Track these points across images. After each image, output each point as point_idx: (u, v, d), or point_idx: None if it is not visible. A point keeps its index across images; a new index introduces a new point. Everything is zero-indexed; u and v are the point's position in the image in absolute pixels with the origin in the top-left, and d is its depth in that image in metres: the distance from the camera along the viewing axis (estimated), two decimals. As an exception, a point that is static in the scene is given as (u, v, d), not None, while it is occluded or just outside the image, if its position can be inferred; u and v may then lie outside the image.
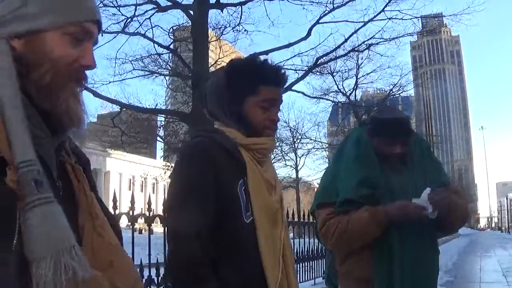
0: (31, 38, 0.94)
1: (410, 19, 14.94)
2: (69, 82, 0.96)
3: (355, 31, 14.84)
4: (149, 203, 3.56)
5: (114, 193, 3.18)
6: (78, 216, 0.97)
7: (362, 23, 14.67)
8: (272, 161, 1.78)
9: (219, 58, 16.13)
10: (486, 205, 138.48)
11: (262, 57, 1.75)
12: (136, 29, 13.72)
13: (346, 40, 14.94)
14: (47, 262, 0.80)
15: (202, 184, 1.53)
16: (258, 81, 1.60)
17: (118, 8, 13.09)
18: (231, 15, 14.52)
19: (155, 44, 14.39)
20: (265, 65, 1.65)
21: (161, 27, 14.77)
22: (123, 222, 3.46)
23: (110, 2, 12.88)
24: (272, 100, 1.63)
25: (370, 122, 2.30)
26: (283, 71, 1.68)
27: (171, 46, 14.94)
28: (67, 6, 0.97)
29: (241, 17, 14.37)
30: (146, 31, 13.78)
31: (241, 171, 1.57)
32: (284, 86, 1.70)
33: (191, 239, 1.48)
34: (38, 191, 0.82)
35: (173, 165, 23.08)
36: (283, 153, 28.98)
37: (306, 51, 16.70)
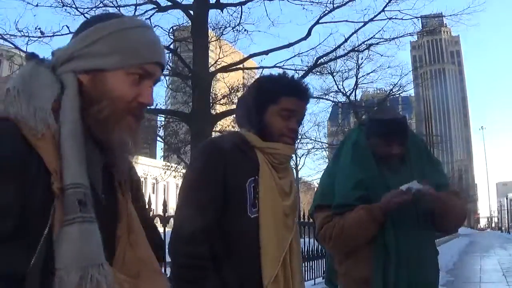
0: (96, 74, 1.02)
1: (410, 19, 14.91)
2: (126, 117, 1.04)
3: (355, 31, 14.82)
4: (149, 203, 3.56)
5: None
6: (117, 228, 1.05)
7: (362, 23, 14.65)
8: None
9: (219, 58, 16.12)
10: (486, 205, 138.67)
11: (289, 74, 1.89)
12: (136, 29, 13.66)
13: (346, 40, 14.92)
14: (74, 273, 0.88)
15: (207, 184, 1.61)
16: (280, 91, 1.72)
17: (118, 8, 13.06)
18: (231, 15, 14.53)
19: (155, 44, 14.34)
20: (288, 78, 1.80)
21: (161, 27, 14.77)
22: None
23: (110, 2, 12.88)
24: (291, 110, 1.72)
25: (367, 122, 2.30)
26: (305, 85, 1.80)
27: (171, 46, 14.92)
28: (132, 49, 1.04)
29: (241, 17, 14.38)
30: (146, 31, 13.72)
31: (254, 170, 1.65)
32: (307, 100, 1.79)
33: (192, 239, 1.54)
34: (80, 211, 0.90)
35: (173, 165, 23.14)
36: (283, 153, 28.93)
37: (306, 51, 16.76)
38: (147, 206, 1.24)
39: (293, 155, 1.90)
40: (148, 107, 1.01)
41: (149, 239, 1.12)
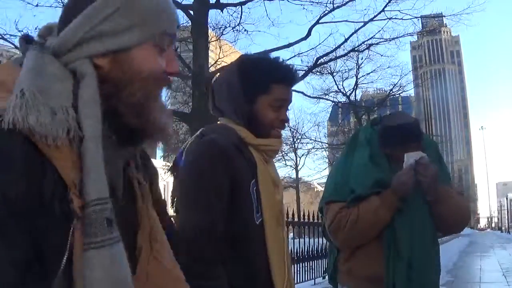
0: (118, 55, 0.87)
1: (410, 19, 14.92)
2: (158, 93, 0.92)
3: (355, 31, 14.82)
4: (149, 203, 3.55)
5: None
6: (138, 237, 0.93)
7: (362, 23, 14.65)
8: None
9: (219, 58, 16.13)
10: (486, 205, 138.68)
11: (273, 55, 1.71)
12: (136, 29, 13.69)
13: (346, 40, 14.92)
14: None
15: (218, 183, 1.51)
16: (270, 79, 1.59)
17: (118, 8, 13.09)
18: (231, 15, 14.52)
19: (155, 44, 14.35)
20: (277, 63, 1.64)
21: (161, 27, 14.79)
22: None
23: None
24: (283, 100, 1.62)
25: (380, 131, 2.25)
26: (294, 69, 1.67)
27: (171, 46, 14.91)
28: (153, 17, 0.90)
29: (241, 17, 14.36)
30: (146, 31, 13.75)
31: (252, 171, 1.56)
32: (294, 85, 1.68)
33: (200, 237, 1.46)
34: (110, 232, 0.79)
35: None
36: (283, 153, 28.95)
37: (306, 51, 16.78)
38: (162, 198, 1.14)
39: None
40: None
41: (167, 235, 1.01)
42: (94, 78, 0.84)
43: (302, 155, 32.01)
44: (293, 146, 30.18)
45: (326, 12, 13.98)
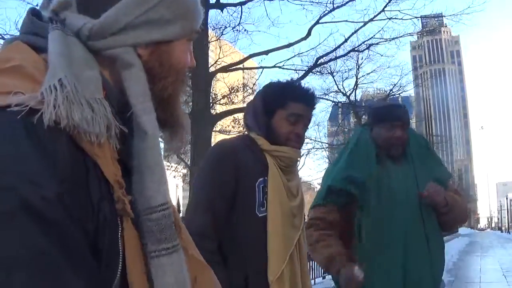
0: (159, 46, 0.82)
1: (410, 19, 14.94)
2: (183, 89, 0.90)
3: (355, 31, 14.84)
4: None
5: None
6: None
7: (362, 23, 14.66)
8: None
9: (219, 58, 16.12)
10: (486, 205, 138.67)
11: (295, 80, 2.00)
12: (136, 29, 13.71)
13: (346, 40, 14.92)
14: None
15: (216, 183, 1.70)
16: (287, 96, 1.79)
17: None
18: (231, 15, 14.51)
19: (155, 44, 14.36)
20: (296, 84, 1.90)
21: (161, 27, 14.81)
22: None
23: (110, 2, 12.89)
24: (298, 115, 1.79)
25: (369, 113, 2.39)
26: (312, 91, 1.88)
27: (171, 46, 14.91)
28: (191, 13, 0.87)
29: (241, 17, 14.35)
30: (146, 31, 13.77)
31: (263, 171, 1.72)
32: (313, 106, 1.87)
33: (199, 233, 1.56)
34: (179, 237, 0.79)
35: (173, 165, 23.10)
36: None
37: (306, 51, 16.76)
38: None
39: (299, 159, 1.91)
40: None
41: None
42: (142, 70, 0.79)
43: (302, 155, 31.96)
44: (293, 146, 30.13)
45: (326, 12, 13.99)
